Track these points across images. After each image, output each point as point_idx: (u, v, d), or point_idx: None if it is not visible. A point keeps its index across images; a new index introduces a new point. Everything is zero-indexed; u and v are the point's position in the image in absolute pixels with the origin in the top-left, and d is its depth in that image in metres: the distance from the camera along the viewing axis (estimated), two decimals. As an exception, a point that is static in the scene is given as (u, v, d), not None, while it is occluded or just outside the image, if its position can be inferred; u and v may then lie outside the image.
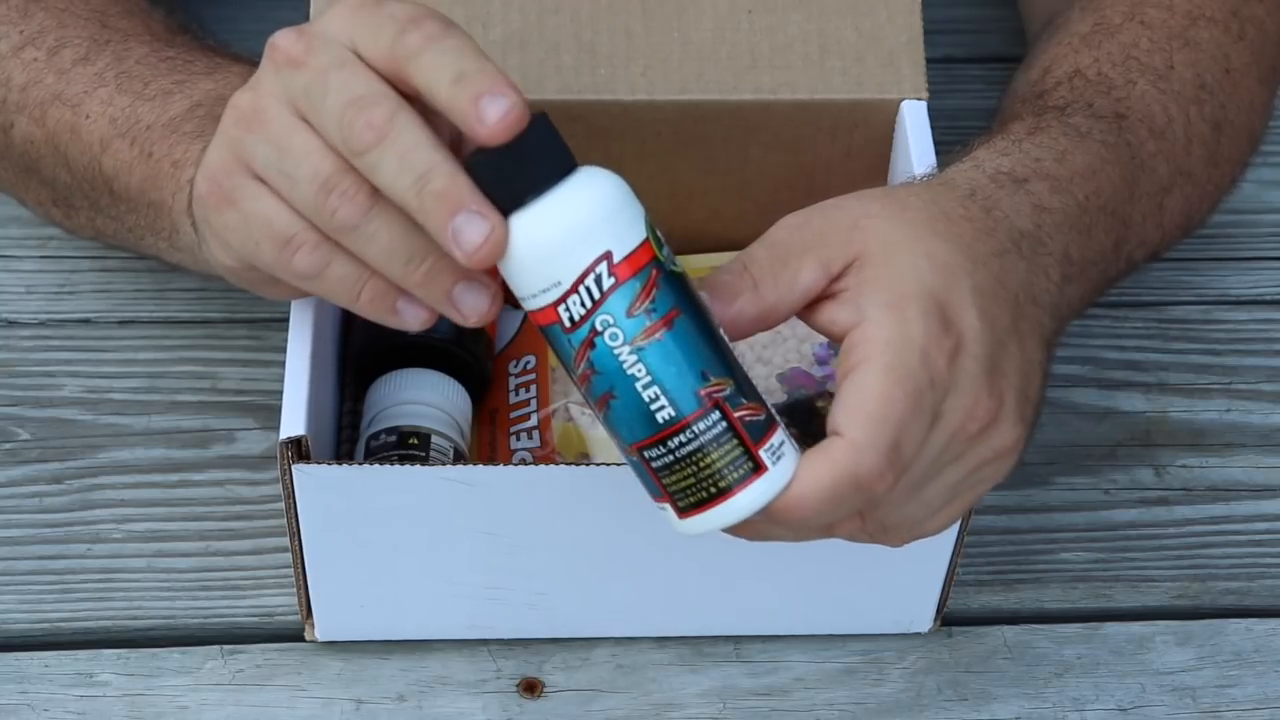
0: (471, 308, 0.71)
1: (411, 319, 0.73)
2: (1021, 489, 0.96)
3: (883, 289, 0.71)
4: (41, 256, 1.02)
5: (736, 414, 0.69)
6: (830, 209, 0.74)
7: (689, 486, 0.70)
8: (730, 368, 0.70)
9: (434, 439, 0.88)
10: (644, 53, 0.90)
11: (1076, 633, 0.91)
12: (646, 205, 0.70)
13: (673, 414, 0.69)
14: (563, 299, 0.68)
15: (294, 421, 0.79)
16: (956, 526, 0.84)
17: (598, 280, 0.68)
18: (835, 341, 0.73)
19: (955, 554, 0.86)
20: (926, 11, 0.92)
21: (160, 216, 0.84)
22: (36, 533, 0.93)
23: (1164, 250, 0.93)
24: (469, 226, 0.68)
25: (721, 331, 0.70)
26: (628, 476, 0.81)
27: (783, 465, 0.70)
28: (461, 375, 0.91)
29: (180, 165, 0.83)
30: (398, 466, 0.82)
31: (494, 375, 0.94)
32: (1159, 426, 0.99)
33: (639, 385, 0.69)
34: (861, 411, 0.69)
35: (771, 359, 0.93)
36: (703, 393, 0.69)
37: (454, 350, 0.91)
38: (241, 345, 0.99)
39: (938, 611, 0.90)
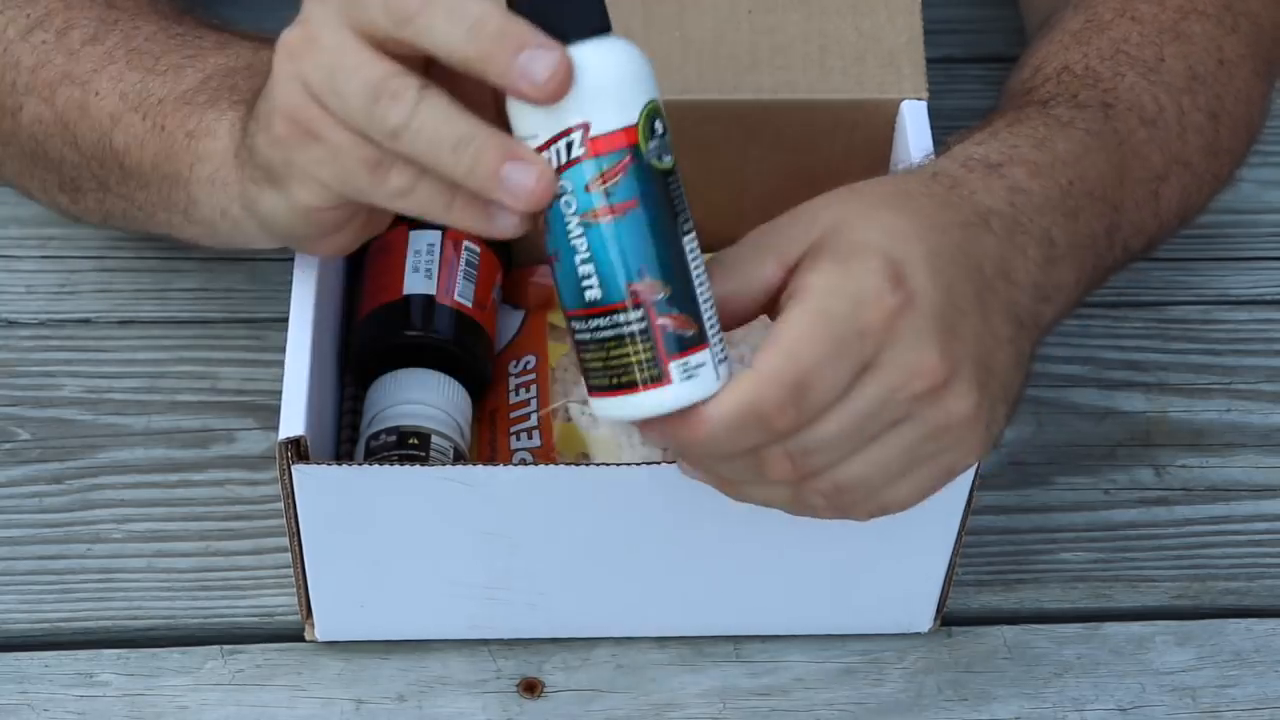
0: (520, 184, 0.70)
1: (505, 224, 0.72)
2: (1021, 489, 0.96)
3: (833, 251, 0.73)
4: (41, 256, 1.02)
5: (660, 320, 0.71)
6: (797, 210, 0.75)
7: (596, 369, 0.72)
8: (674, 275, 0.71)
9: (434, 439, 0.88)
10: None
11: (1076, 633, 0.91)
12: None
13: (598, 296, 0.71)
14: (538, 151, 0.70)
15: (293, 421, 0.79)
16: (956, 526, 0.84)
17: (568, 146, 0.70)
18: None
19: (955, 554, 0.86)
20: (926, 11, 0.92)
21: (175, 189, 0.84)
22: (36, 533, 0.93)
23: (1162, 240, 0.93)
24: (535, 61, 0.68)
25: (689, 240, 0.71)
26: (628, 477, 0.81)
27: (693, 384, 0.71)
28: (461, 375, 0.91)
29: (195, 136, 0.83)
30: (398, 466, 0.82)
31: (494, 375, 0.94)
32: (1159, 426, 0.99)
33: (577, 258, 0.71)
34: (774, 347, 0.71)
35: (771, 359, 0.93)
36: (632, 287, 0.70)
37: (454, 350, 0.91)
38: (241, 345, 0.99)
39: (938, 611, 0.90)
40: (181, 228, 0.86)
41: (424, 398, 0.89)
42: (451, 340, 0.91)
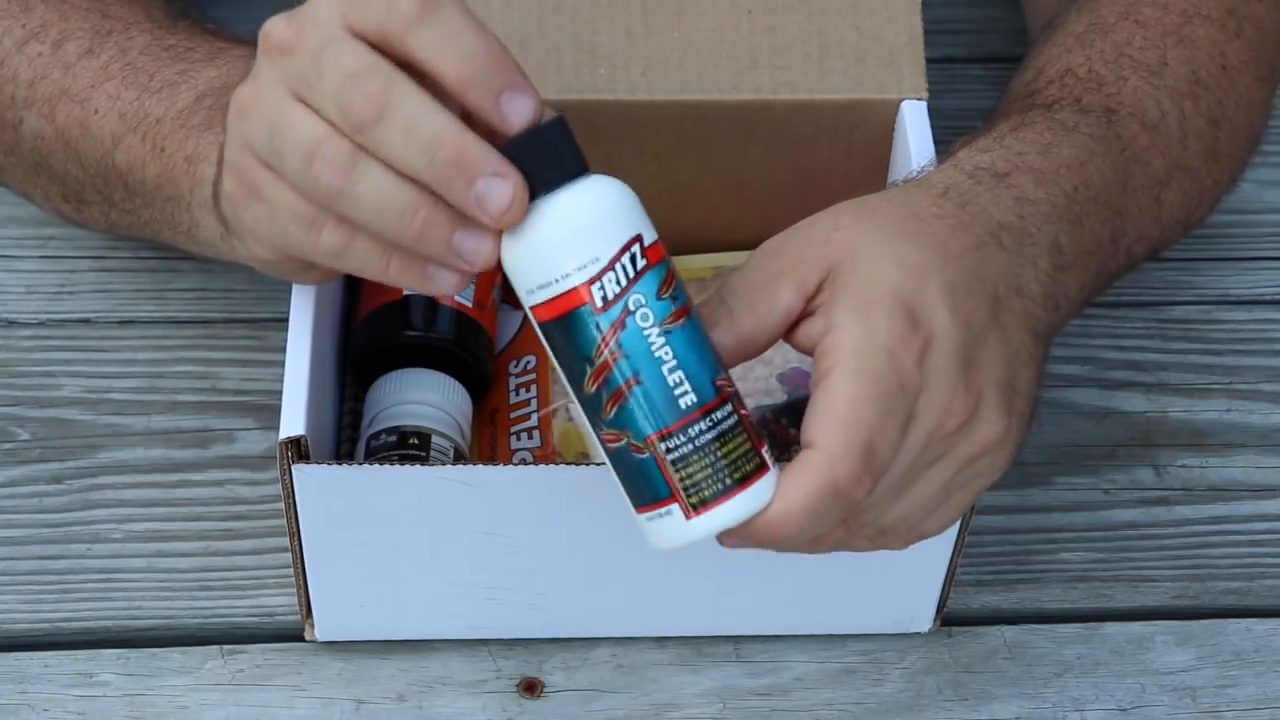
0: (474, 252, 0.70)
1: (444, 283, 0.71)
2: (1021, 489, 0.96)
3: (850, 295, 0.72)
4: (41, 256, 1.02)
5: (743, 411, 0.70)
6: (804, 228, 0.75)
7: (706, 478, 0.70)
8: (727, 371, 0.71)
9: (434, 439, 0.88)
10: (644, 53, 0.90)
11: (1076, 633, 0.91)
12: (646, 206, 0.71)
13: (695, 400, 0.69)
14: (598, 276, 0.69)
15: (293, 421, 0.79)
16: (957, 526, 0.84)
17: (633, 259, 0.69)
18: (811, 355, 0.73)
19: (955, 554, 0.86)
20: (926, 11, 0.92)
21: (178, 211, 0.84)
22: (36, 533, 0.93)
23: (1164, 246, 0.93)
24: (491, 189, 0.68)
25: None
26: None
27: (776, 471, 0.71)
28: (461, 375, 0.91)
29: (193, 160, 0.83)
30: (398, 466, 0.82)
31: (494, 375, 0.94)
32: (1159, 426, 0.99)
33: (665, 369, 0.69)
34: (832, 418, 0.70)
35: (772, 359, 0.93)
36: (717, 383, 0.70)
37: (454, 350, 0.91)
38: (241, 345, 0.99)
39: (938, 611, 0.90)
40: (186, 245, 0.87)
41: (424, 398, 0.89)
42: (451, 340, 0.91)
